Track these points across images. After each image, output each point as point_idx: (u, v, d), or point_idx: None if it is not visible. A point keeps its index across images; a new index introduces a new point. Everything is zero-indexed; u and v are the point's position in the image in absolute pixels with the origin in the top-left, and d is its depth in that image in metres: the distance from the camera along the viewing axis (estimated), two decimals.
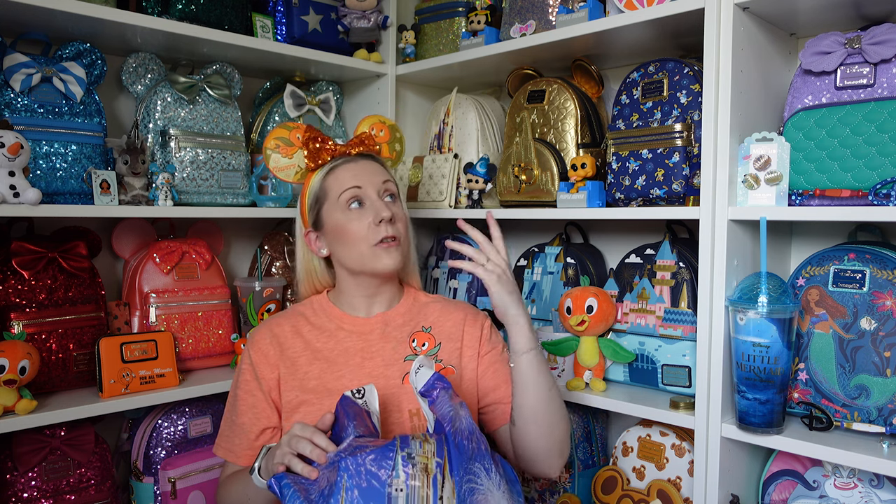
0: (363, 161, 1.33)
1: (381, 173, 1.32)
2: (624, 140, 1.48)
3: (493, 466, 1.03)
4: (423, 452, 0.97)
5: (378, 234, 1.25)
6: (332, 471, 0.97)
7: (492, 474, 1.01)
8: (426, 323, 1.34)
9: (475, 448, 1.02)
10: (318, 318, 1.33)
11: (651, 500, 1.42)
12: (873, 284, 1.22)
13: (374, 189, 1.29)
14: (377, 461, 0.96)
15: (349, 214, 1.27)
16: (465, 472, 0.99)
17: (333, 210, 1.29)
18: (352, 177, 1.29)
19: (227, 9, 1.64)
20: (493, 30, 1.76)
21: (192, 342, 1.63)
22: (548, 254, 1.72)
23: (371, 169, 1.32)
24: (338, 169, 1.31)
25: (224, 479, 1.30)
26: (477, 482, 0.99)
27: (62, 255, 1.46)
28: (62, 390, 1.47)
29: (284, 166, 1.40)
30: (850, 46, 1.22)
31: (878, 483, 1.23)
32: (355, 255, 1.27)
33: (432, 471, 0.96)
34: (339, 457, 0.97)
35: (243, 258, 1.97)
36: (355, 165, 1.32)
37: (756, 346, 1.21)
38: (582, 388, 1.50)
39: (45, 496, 1.38)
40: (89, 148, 1.48)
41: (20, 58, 1.40)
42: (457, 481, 0.97)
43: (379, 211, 1.26)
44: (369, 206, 1.28)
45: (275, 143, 1.39)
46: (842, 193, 1.19)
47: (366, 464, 0.95)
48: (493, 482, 1.01)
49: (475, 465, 1.01)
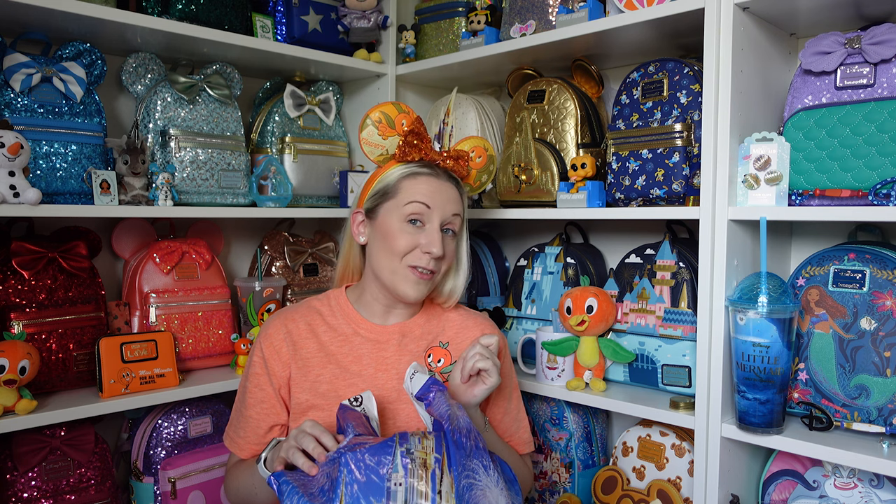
0: (447, 183, 1.28)
1: (456, 203, 1.27)
2: (624, 140, 1.48)
3: (491, 464, 1.03)
4: (421, 448, 0.98)
5: (417, 261, 1.22)
6: (333, 467, 0.97)
7: (490, 471, 1.02)
8: (444, 338, 1.33)
9: (473, 445, 1.03)
10: (335, 318, 1.30)
11: (651, 500, 1.42)
12: (873, 284, 1.22)
13: (440, 217, 1.24)
14: (376, 456, 0.96)
15: (404, 226, 1.23)
16: (463, 468, 0.99)
17: (393, 212, 1.25)
18: (427, 193, 1.24)
19: (227, 9, 1.64)
20: (493, 30, 1.76)
21: (192, 342, 1.63)
22: (548, 254, 1.73)
23: (449, 195, 1.27)
24: (420, 176, 1.26)
25: (231, 466, 1.31)
26: (475, 478, 1.00)
27: (62, 255, 1.46)
28: (62, 390, 1.47)
29: (375, 143, 1.32)
30: (850, 46, 1.22)
31: (878, 483, 1.23)
32: (388, 265, 1.24)
33: (431, 466, 0.97)
34: (340, 453, 0.98)
35: (243, 258, 1.97)
36: (437, 182, 1.26)
37: (756, 346, 1.21)
38: (582, 388, 1.50)
39: (45, 496, 1.38)
40: (89, 148, 1.48)
41: (20, 58, 1.40)
42: (455, 476, 0.97)
43: (431, 243, 1.22)
44: (427, 230, 1.23)
45: (379, 115, 1.31)
46: (842, 193, 1.19)
47: (365, 459, 0.96)
48: (491, 479, 1.02)
49: (473, 462, 1.01)
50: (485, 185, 1.46)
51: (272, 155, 1.80)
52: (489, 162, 1.42)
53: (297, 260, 1.87)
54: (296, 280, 1.85)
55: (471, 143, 1.40)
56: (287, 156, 1.82)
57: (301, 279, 1.86)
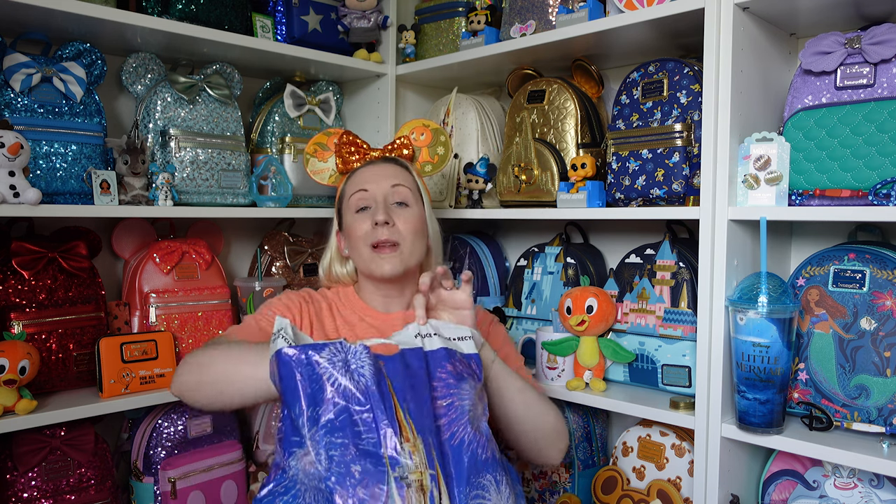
0: (383, 164, 1.36)
1: (395, 177, 1.33)
2: (624, 140, 1.48)
3: (505, 477, 1.00)
4: (414, 468, 0.92)
5: (375, 237, 1.27)
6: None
7: (502, 487, 0.99)
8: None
9: (489, 457, 0.99)
10: (345, 308, 1.36)
11: (651, 500, 1.42)
12: (873, 284, 1.22)
13: (381, 193, 1.30)
14: (369, 489, 0.89)
15: (356, 216, 1.31)
16: (472, 486, 0.96)
17: (347, 213, 1.33)
18: (363, 180, 1.33)
19: (227, 9, 1.64)
20: (493, 30, 1.76)
21: (192, 342, 1.63)
22: (548, 254, 1.72)
23: (385, 172, 1.34)
24: (357, 172, 1.36)
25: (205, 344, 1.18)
26: (485, 497, 0.97)
27: (62, 255, 1.46)
28: (62, 390, 1.47)
29: (320, 170, 1.47)
30: (850, 46, 1.22)
31: (878, 483, 1.23)
32: (359, 255, 1.31)
33: (427, 488, 0.92)
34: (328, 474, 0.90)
35: (243, 258, 1.97)
36: (372, 168, 1.35)
37: (756, 346, 1.21)
38: (582, 388, 1.50)
39: (45, 496, 1.38)
40: (89, 148, 1.48)
41: (20, 58, 1.40)
42: (463, 496, 0.95)
43: (376, 212, 1.28)
44: (373, 208, 1.30)
45: (313, 147, 1.47)
46: (842, 193, 1.19)
47: (358, 493, 0.89)
48: (503, 496, 0.99)
49: (485, 479, 0.98)
50: (445, 157, 1.51)
51: (272, 155, 1.80)
52: (436, 135, 1.50)
53: (297, 260, 1.87)
54: (296, 280, 1.85)
55: (409, 127, 1.49)
56: (287, 156, 1.82)
57: (301, 279, 1.86)
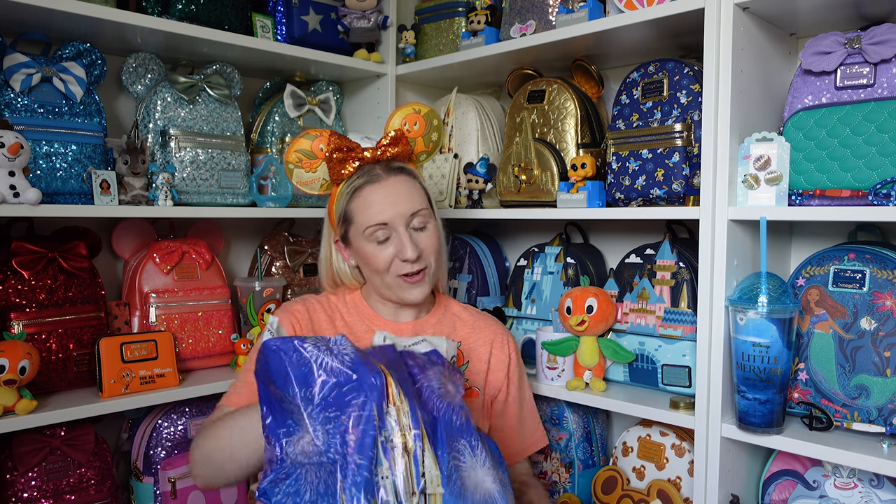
0: (393, 180, 1.24)
1: (409, 199, 1.23)
2: (624, 140, 1.48)
3: (479, 442, 1.02)
4: (399, 430, 0.95)
5: (401, 269, 1.23)
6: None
7: (476, 451, 1.01)
8: (456, 337, 1.34)
9: (463, 423, 1.01)
10: (352, 316, 1.33)
11: (651, 500, 1.42)
12: (873, 284, 1.22)
13: (402, 222, 1.22)
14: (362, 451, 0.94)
15: (375, 247, 1.23)
16: (451, 449, 0.98)
17: (359, 237, 1.24)
18: (379, 210, 1.21)
19: (227, 9, 1.64)
20: (493, 30, 1.76)
21: (192, 342, 1.63)
22: (548, 254, 1.72)
23: (398, 191, 1.23)
24: (364, 191, 1.23)
25: (208, 421, 1.14)
26: (460, 459, 0.99)
27: (62, 255, 1.46)
28: (62, 390, 1.47)
29: (308, 180, 1.31)
30: (850, 46, 1.22)
31: (878, 483, 1.23)
32: (380, 281, 1.26)
33: (411, 449, 0.95)
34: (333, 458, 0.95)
35: (243, 258, 1.97)
36: (383, 189, 1.23)
37: (756, 346, 1.21)
38: (582, 388, 1.50)
39: (45, 496, 1.38)
40: (89, 148, 1.48)
41: (20, 58, 1.40)
42: (441, 457, 0.96)
43: (403, 250, 1.22)
44: (395, 240, 1.23)
45: (296, 156, 1.29)
46: (842, 193, 1.19)
47: (354, 459, 0.94)
48: (478, 459, 1.01)
49: (460, 443, 1.00)
50: (438, 142, 1.39)
51: (272, 155, 1.80)
52: (429, 121, 1.36)
53: (297, 260, 1.87)
54: (296, 280, 1.85)
55: (399, 116, 1.34)
56: None
57: (301, 279, 1.86)
